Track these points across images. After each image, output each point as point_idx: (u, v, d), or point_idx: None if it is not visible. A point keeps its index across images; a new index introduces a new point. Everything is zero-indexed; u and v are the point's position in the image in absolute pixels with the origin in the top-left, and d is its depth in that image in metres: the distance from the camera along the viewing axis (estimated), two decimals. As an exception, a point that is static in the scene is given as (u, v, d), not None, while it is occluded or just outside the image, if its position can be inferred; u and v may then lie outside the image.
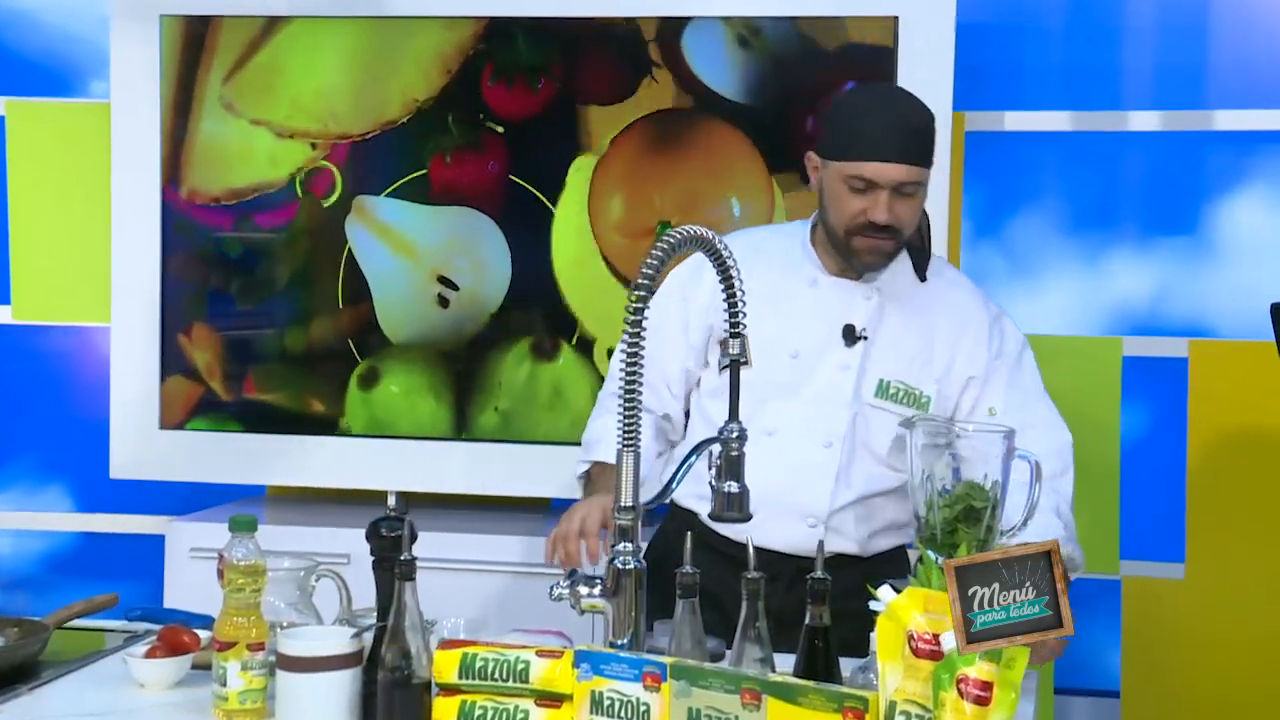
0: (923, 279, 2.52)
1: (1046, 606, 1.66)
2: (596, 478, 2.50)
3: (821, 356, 2.45)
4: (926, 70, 3.20)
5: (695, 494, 2.48)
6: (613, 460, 2.36)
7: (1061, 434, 2.49)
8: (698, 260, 2.55)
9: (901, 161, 2.37)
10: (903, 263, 2.52)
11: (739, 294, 1.98)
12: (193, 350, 3.54)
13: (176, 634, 2.08)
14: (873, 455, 2.46)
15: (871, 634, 1.79)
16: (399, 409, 3.47)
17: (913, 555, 2.67)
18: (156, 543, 3.56)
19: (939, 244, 3.22)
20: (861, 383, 2.44)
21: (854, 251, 2.43)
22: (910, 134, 2.39)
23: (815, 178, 2.48)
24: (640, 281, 1.91)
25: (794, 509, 2.44)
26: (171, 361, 3.53)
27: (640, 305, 1.91)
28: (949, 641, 1.67)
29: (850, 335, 2.45)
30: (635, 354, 1.90)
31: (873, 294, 2.48)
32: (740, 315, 1.99)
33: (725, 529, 2.40)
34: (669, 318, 2.53)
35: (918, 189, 2.40)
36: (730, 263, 1.98)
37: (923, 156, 2.40)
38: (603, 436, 2.50)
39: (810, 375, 2.45)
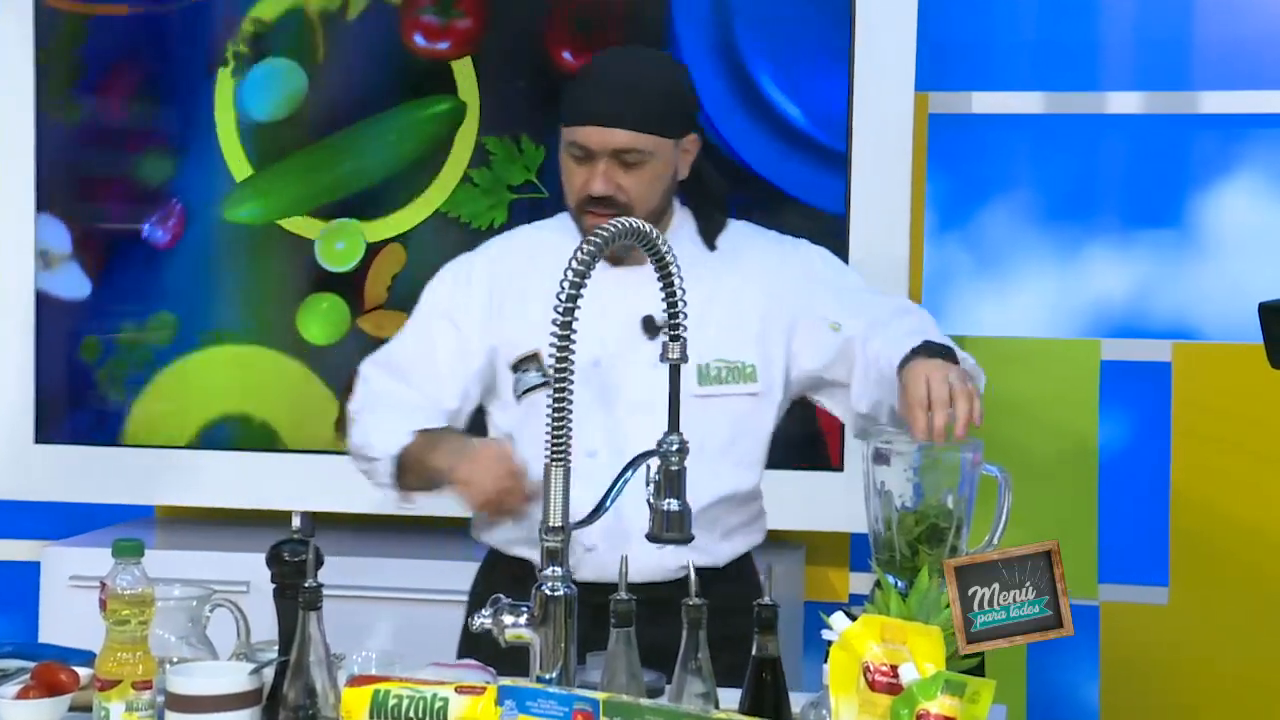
0: (711, 247, 2.50)
1: (1046, 606, 1.76)
2: (415, 452, 2.40)
3: (626, 358, 2.42)
4: (886, 46, 3.23)
5: (525, 540, 2.45)
6: (429, 423, 2.39)
7: (922, 313, 2.50)
8: (455, 272, 2.54)
9: (618, 126, 2.35)
10: (684, 228, 2.50)
11: (679, 291, 2.00)
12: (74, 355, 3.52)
13: (53, 672, 2.07)
14: (711, 454, 2.37)
15: (824, 665, 1.81)
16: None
17: (867, 579, 2.70)
18: (30, 570, 3.53)
19: (901, 237, 3.26)
20: (683, 375, 2.42)
21: (586, 231, 2.40)
22: (633, 95, 2.37)
23: None
24: (571, 279, 1.93)
25: (640, 532, 2.30)
26: (48, 367, 3.51)
27: (570, 305, 1.92)
28: (908, 674, 1.69)
29: (651, 327, 2.42)
30: (565, 357, 1.92)
31: (647, 274, 2.45)
32: (680, 316, 2.01)
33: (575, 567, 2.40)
34: (436, 345, 2.50)
35: (645, 158, 2.37)
36: (669, 257, 1.99)
37: (652, 121, 2.37)
38: (393, 419, 2.44)
39: (619, 382, 2.42)
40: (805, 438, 3.30)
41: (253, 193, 3.48)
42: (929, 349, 2.25)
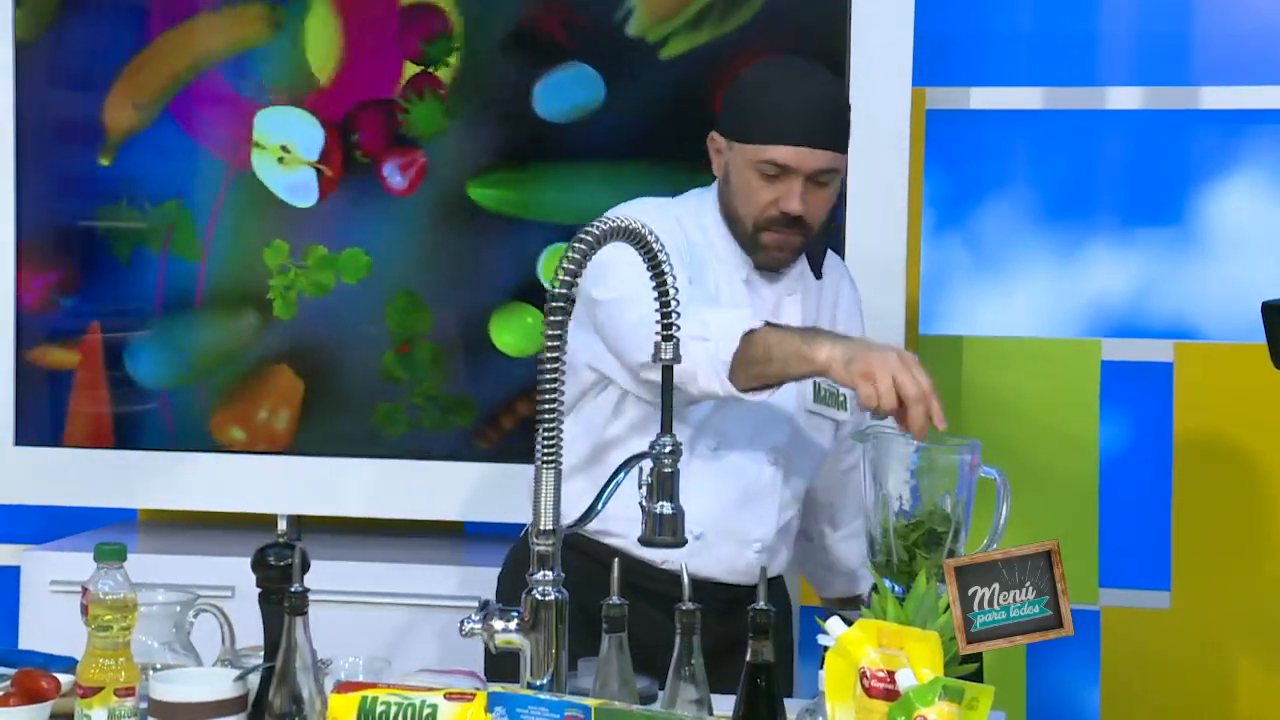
0: (818, 276, 2.56)
1: (1046, 606, 1.79)
2: (769, 339, 2.24)
3: None
4: (882, 41, 3.22)
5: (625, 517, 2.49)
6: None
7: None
8: (667, 216, 2.46)
9: (820, 146, 2.38)
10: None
11: (671, 291, 1.99)
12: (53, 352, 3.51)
13: (33, 678, 2.06)
14: (806, 468, 2.52)
15: (820, 671, 1.81)
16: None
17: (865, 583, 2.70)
18: (10, 575, 3.52)
19: (898, 235, 3.26)
20: (801, 386, 2.46)
21: (761, 246, 2.45)
22: (829, 115, 2.40)
23: (719, 162, 2.49)
24: (561, 279, 1.92)
25: (738, 532, 2.47)
26: (27, 366, 3.50)
27: (561, 305, 1.92)
28: (906, 679, 1.69)
29: None
30: (555, 360, 1.92)
31: (795, 289, 2.51)
32: (673, 315, 2.00)
33: (654, 555, 2.41)
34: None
35: (833, 178, 2.42)
36: (662, 257, 1.99)
37: (841, 141, 2.42)
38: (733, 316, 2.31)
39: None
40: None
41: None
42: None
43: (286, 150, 3.38)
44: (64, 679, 2.07)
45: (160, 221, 3.42)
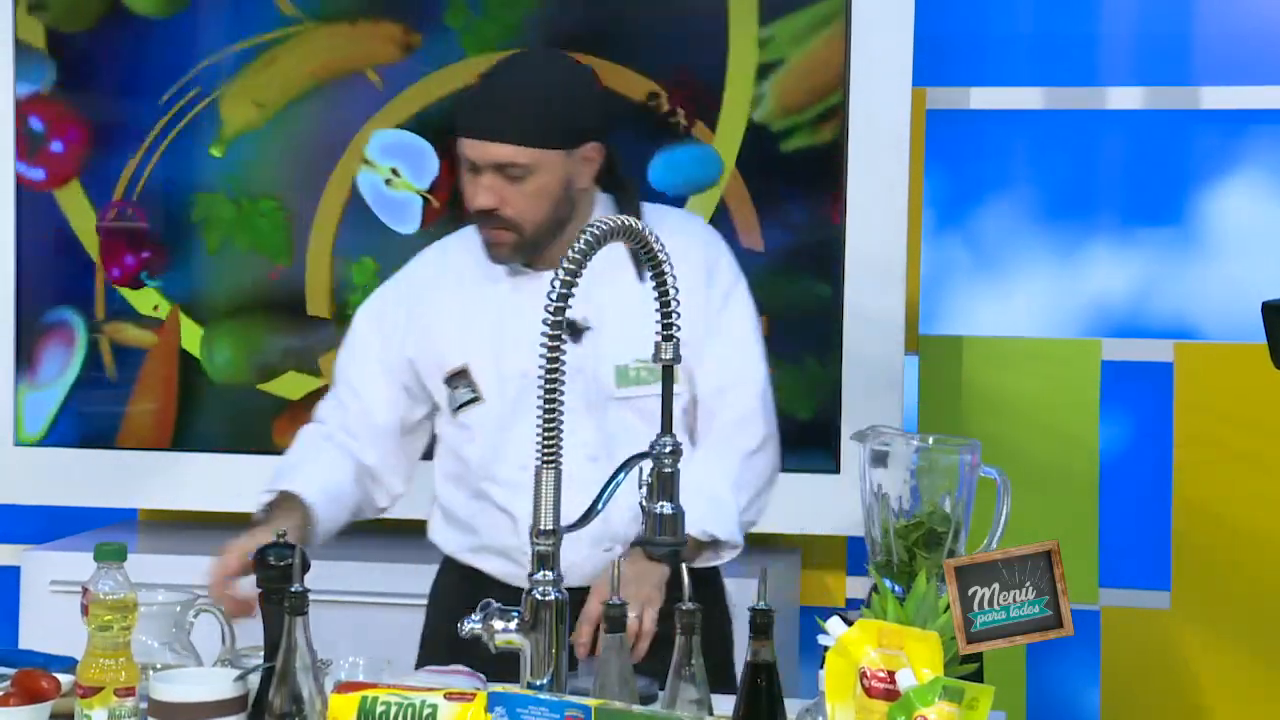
0: (642, 278, 2.45)
1: (1046, 606, 1.79)
2: (275, 509, 2.42)
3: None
4: (882, 40, 3.23)
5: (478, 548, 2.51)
6: (296, 488, 2.40)
7: (753, 398, 2.50)
8: (381, 293, 2.56)
9: (496, 139, 2.34)
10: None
11: (672, 292, 2.00)
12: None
13: (33, 678, 2.07)
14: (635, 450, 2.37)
15: (820, 671, 1.81)
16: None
17: (863, 584, 2.70)
18: (10, 575, 3.53)
19: (898, 235, 3.26)
20: (599, 377, 2.43)
21: (486, 244, 2.43)
22: (518, 107, 2.35)
23: None
24: (563, 278, 1.93)
25: (581, 537, 2.29)
26: (28, 365, 3.50)
27: (561, 305, 1.92)
28: (906, 679, 1.70)
29: (574, 330, 2.40)
30: (555, 360, 1.92)
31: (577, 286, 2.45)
32: (674, 316, 2.01)
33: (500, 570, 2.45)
34: (367, 362, 2.52)
35: (528, 173, 2.36)
36: (662, 257, 2.00)
37: (535, 134, 2.35)
38: (295, 462, 2.49)
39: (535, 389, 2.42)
40: (802, 440, 3.30)
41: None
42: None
43: (396, 174, 3.38)
44: (64, 679, 2.07)
45: (253, 218, 3.42)
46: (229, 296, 3.47)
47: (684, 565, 1.99)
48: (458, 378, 2.48)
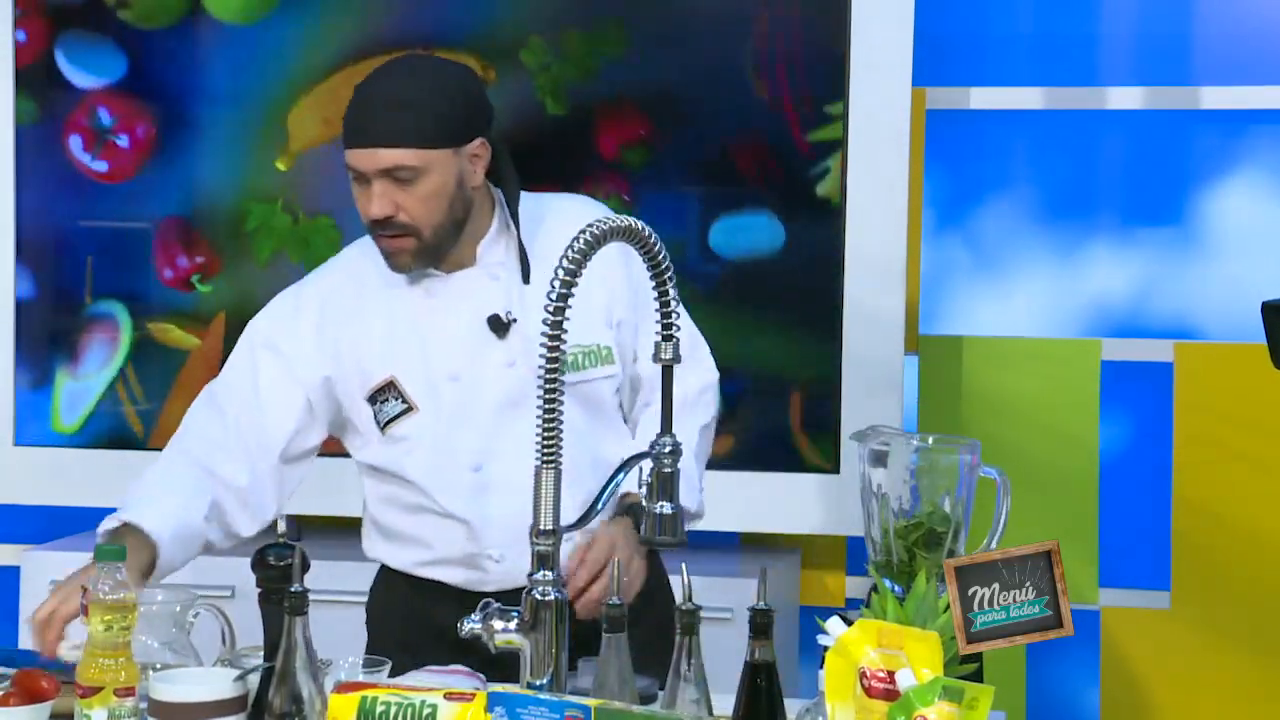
0: (526, 280, 2.41)
1: (1046, 606, 1.80)
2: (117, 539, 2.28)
3: (480, 365, 2.38)
4: (882, 41, 3.23)
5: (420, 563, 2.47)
6: (144, 524, 2.28)
7: (708, 372, 2.51)
8: (281, 303, 2.49)
9: (381, 145, 2.31)
10: (502, 238, 2.45)
11: (670, 290, 2.00)
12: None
13: (33, 679, 2.07)
14: (585, 446, 2.34)
15: (820, 671, 1.81)
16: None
17: (863, 584, 2.70)
18: (10, 575, 3.52)
19: (898, 236, 3.26)
20: (534, 369, 2.34)
21: (384, 254, 2.38)
22: (393, 109, 2.31)
23: None
24: (561, 278, 1.93)
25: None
26: (71, 355, 3.50)
27: (561, 305, 1.92)
28: (906, 679, 1.70)
29: (499, 325, 2.38)
30: (554, 360, 1.92)
31: (497, 271, 2.42)
32: (673, 315, 2.01)
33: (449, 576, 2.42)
34: (259, 376, 2.43)
35: (416, 174, 2.32)
36: (662, 257, 2.00)
37: (417, 135, 2.31)
38: (150, 492, 2.35)
39: (479, 391, 2.38)
40: (801, 439, 3.31)
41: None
42: (634, 512, 2.25)
43: None
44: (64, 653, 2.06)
45: (308, 234, 3.42)
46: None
47: (684, 565, 1.99)
48: (383, 391, 2.40)
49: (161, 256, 3.47)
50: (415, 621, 2.42)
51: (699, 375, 2.49)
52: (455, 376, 2.38)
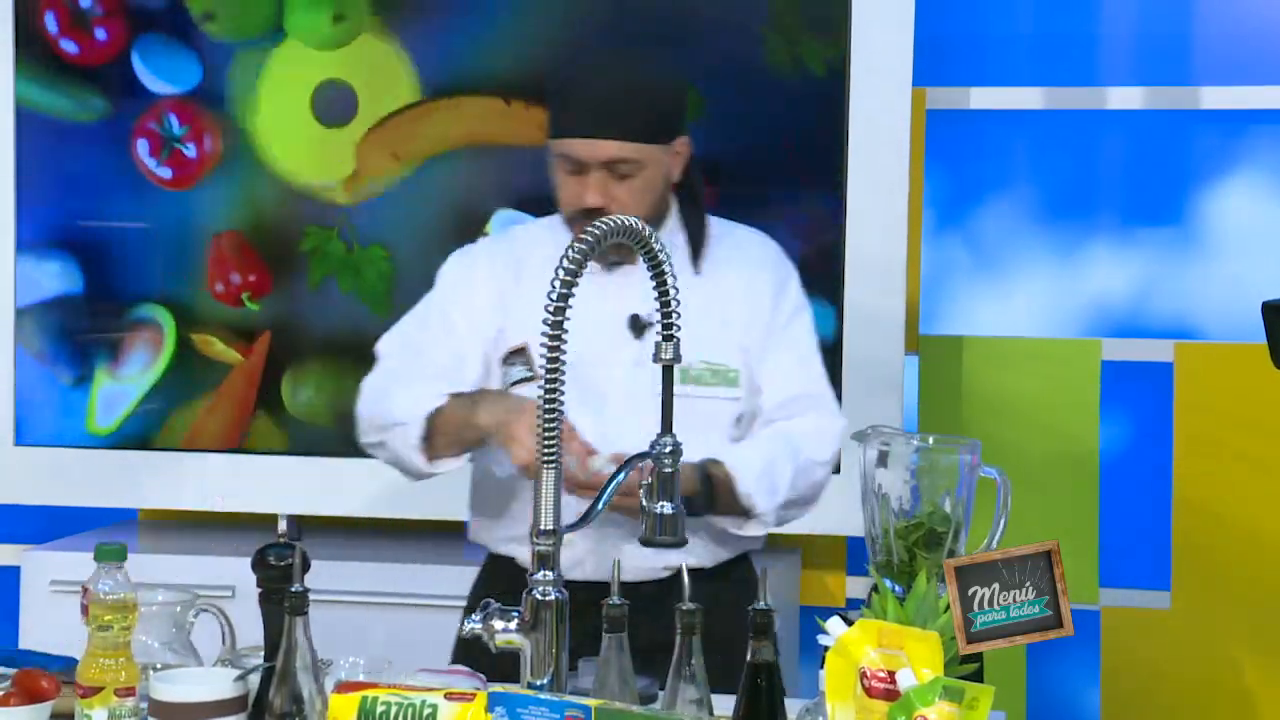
0: (697, 270, 2.49)
1: (1046, 606, 1.80)
2: (451, 412, 2.39)
3: (611, 358, 2.44)
4: (882, 40, 3.23)
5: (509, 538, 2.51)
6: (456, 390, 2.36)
7: (833, 420, 2.53)
8: (462, 259, 2.55)
9: (608, 136, 2.36)
10: (677, 236, 2.51)
11: (672, 290, 2.00)
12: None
13: (33, 678, 2.07)
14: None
15: (820, 671, 1.81)
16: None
17: (863, 584, 2.70)
18: (10, 575, 3.53)
19: (898, 235, 3.26)
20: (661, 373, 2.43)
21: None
22: (623, 104, 2.37)
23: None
24: (563, 278, 1.93)
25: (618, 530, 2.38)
26: (112, 356, 3.50)
27: (562, 304, 1.93)
28: (906, 679, 1.70)
29: (637, 325, 2.44)
30: (555, 360, 1.92)
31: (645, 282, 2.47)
32: (675, 315, 2.01)
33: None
34: (455, 320, 2.50)
35: (636, 168, 2.38)
36: (662, 257, 2.00)
37: (639, 130, 2.37)
38: (421, 392, 2.42)
39: (603, 382, 2.43)
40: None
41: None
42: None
43: None
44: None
45: (361, 263, 3.41)
46: (322, 336, 3.45)
47: (684, 564, 1.99)
48: (515, 355, 2.48)
49: (214, 269, 3.45)
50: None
51: (816, 413, 2.50)
52: (583, 361, 2.39)
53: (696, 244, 2.52)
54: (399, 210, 3.40)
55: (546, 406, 1.93)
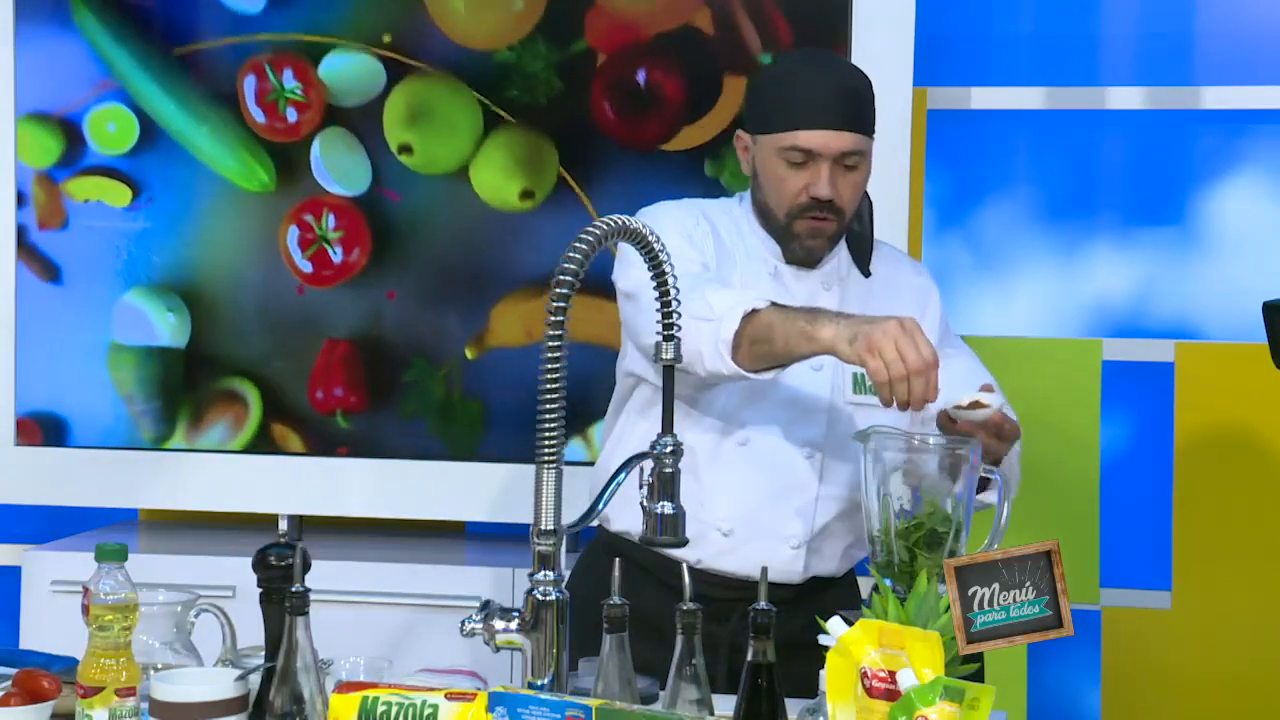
0: (866, 274, 2.55)
1: (1046, 606, 1.81)
2: (773, 318, 2.26)
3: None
4: (883, 40, 3.23)
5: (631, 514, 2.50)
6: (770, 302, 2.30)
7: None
8: (688, 209, 2.53)
9: (843, 128, 2.41)
10: (842, 250, 2.55)
11: (672, 291, 2.00)
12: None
13: (34, 679, 2.07)
14: (853, 461, 2.42)
15: (821, 671, 1.81)
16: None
17: (864, 584, 2.70)
18: (11, 575, 3.53)
19: (899, 235, 3.26)
20: (837, 379, 2.46)
21: (794, 236, 2.46)
22: (850, 98, 2.43)
23: (746, 160, 2.50)
24: (562, 279, 1.92)
25: (774, 530, 2.45)
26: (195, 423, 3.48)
27: (562, 305, 1.92)
28: (907, 680, 1.70)
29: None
30: (557, 360, 1.92)
31: (833, 283, 2.51)
32: (675, 316, 2.01)
33: (672, 552, 2.40)
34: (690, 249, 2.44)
35: (861, 161, 2.44)
36: (663, 257, 2.00)
37: (865, 124, 2.44)
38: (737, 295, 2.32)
39: (782, 375, 2.40)
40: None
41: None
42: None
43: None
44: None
45: (457, 411, 3.39)
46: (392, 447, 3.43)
47: (685, 564, 1.99)
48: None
49: (319, 375, 3.42)
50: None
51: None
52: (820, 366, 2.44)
53: (869, 244, 2.56)
54: (510, 373, 3.37)
55: (548, 405, 1.93)
